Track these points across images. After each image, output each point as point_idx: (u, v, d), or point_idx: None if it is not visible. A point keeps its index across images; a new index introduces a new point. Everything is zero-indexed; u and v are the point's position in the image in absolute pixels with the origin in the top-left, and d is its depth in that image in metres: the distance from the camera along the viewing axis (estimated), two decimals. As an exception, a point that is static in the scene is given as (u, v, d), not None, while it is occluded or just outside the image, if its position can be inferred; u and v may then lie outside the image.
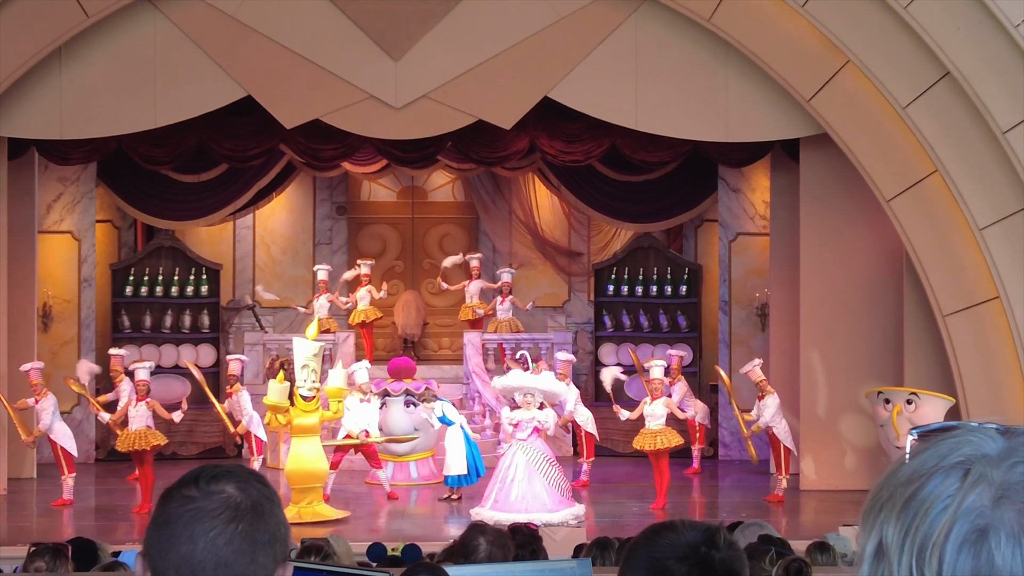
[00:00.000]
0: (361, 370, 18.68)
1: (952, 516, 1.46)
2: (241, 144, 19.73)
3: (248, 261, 23.39)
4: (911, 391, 16.88)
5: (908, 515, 1.48)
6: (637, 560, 2.58)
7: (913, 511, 1.48)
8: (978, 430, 1.52)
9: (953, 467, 1.48)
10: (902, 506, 1.49)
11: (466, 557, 6.27)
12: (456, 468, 17.92)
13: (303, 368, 17.01)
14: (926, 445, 1.53)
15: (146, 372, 18.06)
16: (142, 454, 17.71)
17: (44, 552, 8.04)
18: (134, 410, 17.82)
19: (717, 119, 18.22)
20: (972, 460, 1.48)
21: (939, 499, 1.47)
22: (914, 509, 1.48)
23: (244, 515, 2.17)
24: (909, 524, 1.47)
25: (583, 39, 18.03)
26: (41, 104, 18.00)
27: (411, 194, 23.82)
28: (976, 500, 1.46)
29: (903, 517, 1.48)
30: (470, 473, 17.92)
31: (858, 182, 17.51)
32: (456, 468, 17.92)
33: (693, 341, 22.52)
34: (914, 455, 1.52)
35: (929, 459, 1.50)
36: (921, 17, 16.16)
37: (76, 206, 21.53)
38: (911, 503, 1.48)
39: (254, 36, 17.90)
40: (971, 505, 1.46)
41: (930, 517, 1.46)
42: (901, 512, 1.49)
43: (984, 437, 1.50)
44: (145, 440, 17.67)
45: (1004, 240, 16.29)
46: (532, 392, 16.58)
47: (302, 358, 17.02)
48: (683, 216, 22.43)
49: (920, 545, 1.46)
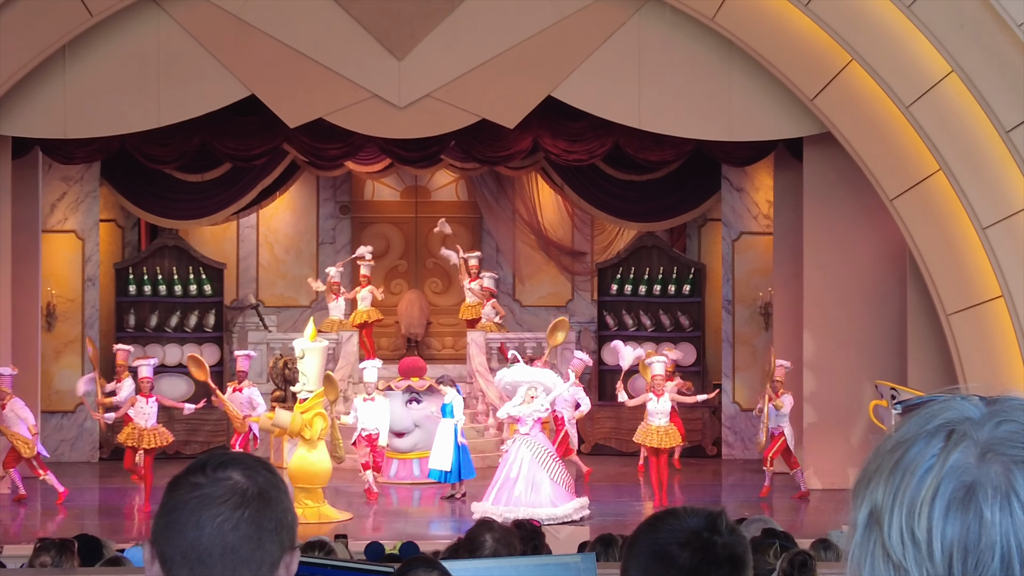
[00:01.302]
0: (370, 369, 18.73)
1: (938, 474, 1.47)
2: (245, 143, 19.75)
3: (251, 260, 23.41)
4: (915, 393, 16.88)
5: (895, 478, 1.49)
6: (640, 547, 2.59)
7: (900, 473, 1.49)
8: (960, 399, 1.53)
9: (937, 429, 1.50)
10: (889, 471, 1.50)
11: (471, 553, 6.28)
12: (440, 463, 17.95)
13: (302, 375, 17.23)
14: (909, 416, 1.55)
15: (149, 369, 18.08)
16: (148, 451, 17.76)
17: (50, 547, 8.07)
18: (146, 407, 17.89)
19: (720, 118, 18.23)
20: (955, 422, 1.50)
21: (924, 458, 1.48)
22: (901, 471, 1.49)
23: (251, 502, 2.18)
24: (897, 486, 1.49)
25: (586, 38, 18.04)
26: (45, 103, 18.02)
27: (414, 193, 23.83)
28: (960, 458, 1.47)
29: (891, 480, 1.50)
30: (452, 472, 17.94)
31: (861, 181, 17.51)
32: (440, 463, 17.95)
33: (696, 340, 22.53)
34: (899, 426, 1.54)
35: (913, 425, 1.52)
36: (924, 16, 16.17)
37: (80, 205, 21.55)
38: (898, 466, 1.50)
39: (258, 35, 17.92)
40: (956, 463, 1.47)
41: (916, 477, 1.48)
42: (889, 476, 1.50)
43: (967, 404, 1.53)
44: (151, 439, 17.68)
45: (1007, 239, 16.29)
46: (535, 385, 16.63)
47: (300, 360, 17.25)
48: (686, 215, 22.43)
49: (909, 505, 1.47)
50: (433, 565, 4.50)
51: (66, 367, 21.35)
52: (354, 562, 4.58)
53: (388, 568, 3.00)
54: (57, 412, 21.20)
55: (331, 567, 3.11)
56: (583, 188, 21.97)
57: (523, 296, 23.67)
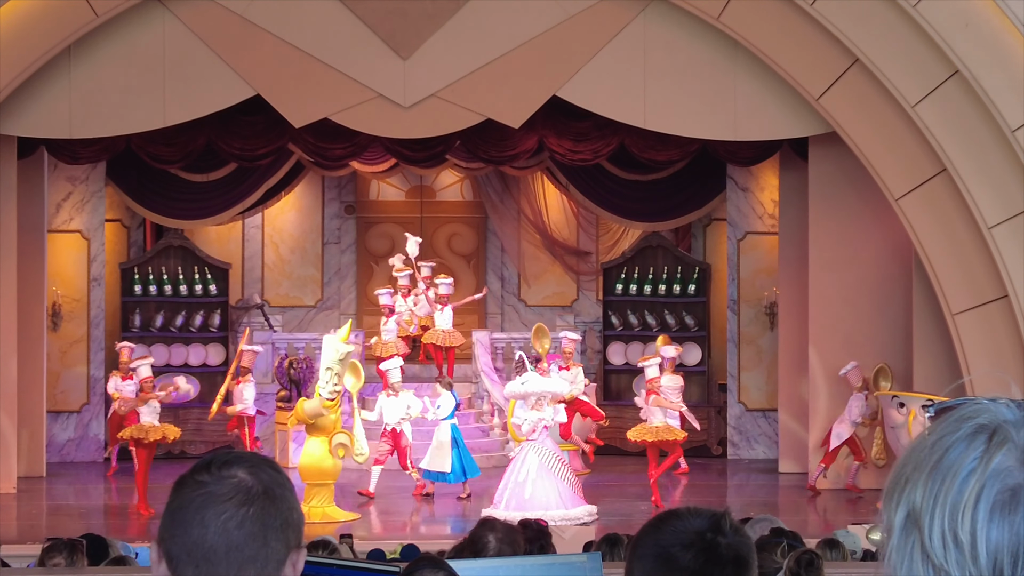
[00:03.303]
0: (394, 370, 18.71)
1: (981, 477, 1.46)
2: (250, 143, 19.76)
3: (257, 260, 23.42)
4: (928, 397, 16.86)
5: (936, 481, 1.48)
6: (644, 548, 2.58)
7: (940, 476, 1.48)
8: (993, 402, 1.53)
9: (976, 432, 1.49)
10: (928, 473, 1.49)
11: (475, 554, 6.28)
12: (438, 465, 17.92)
13: (327, 370, 17.06)
14: (944, 418, 1.53)
15: (147, 368, 18.05)
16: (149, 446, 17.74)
17: (61, 547, 8.09)
18: (146, 406, 17.88)
19: (726, 118, 18.22)
20: (993, 424, 1.49)
21: (966, 462, 1.47)
22: (941, 474, 1.48)
23: (255, 499, 2.19)
24: (938, 489, 1.47)
25: (592, 38, 18.03)
26: (50, 103, 18.03)
27: (419, 193, 23.83)
28: (1003, 461, 1.46)
29: (931, 483, 1.48)
30: (455, 472, 17.92)
31: (867, 181, 17.50)
32: (438, 465, 17.92)
33: (701, 340, 22.53)
34: (933, 428, 1.53)
35: (950, 427, 1.51)
36: (930, 15, 16.15)
37: (85, 205, 21.57)
38: (938, 469, 1.48)
39: (263, 35, 17.92)
40: (998, 466, 1.46)
41: (959, 480, 1.47)
42: (928, 478, 1.48)
43: (1000, 407, 1.52)
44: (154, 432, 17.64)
45: (1013, 239, 16.28)
46: (543, 396, 16.68)
47: (328, 360, 17.06)
48: (692, 215, 22.43)
49: (952, 507, 1.46)
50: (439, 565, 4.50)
51: (71, 367, 21.37)
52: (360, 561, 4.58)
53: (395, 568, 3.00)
54: (63, 412, 21.22)
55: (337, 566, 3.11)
56: (588, 188, 21.96)
57: (528, 296, 23.67)
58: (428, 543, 12.04)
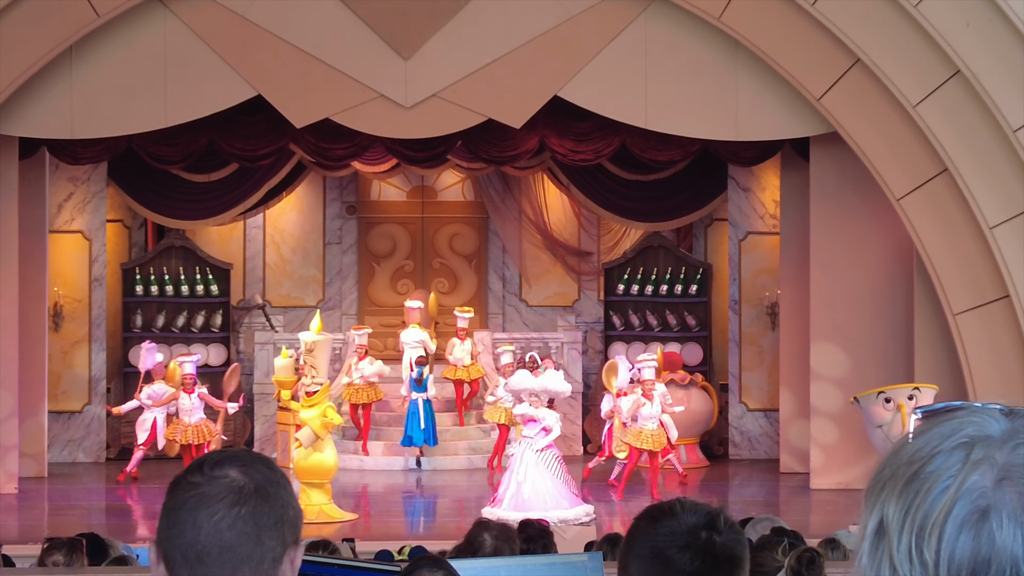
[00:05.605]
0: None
1: (953, 495, 1.45)
2: (251, 143, 19.76)
3: (258, 260, 23.42)
4: (913, 386, 16.85)
5: (909, 494, 1.47)
6: (639, 548, 2.57)
7: (914, 490, 1.47)
8: (982, 410, 1.51)
9: (956, 447, 1.48)
10: (904, 485, 1.48)
11: (472, 554, 6.28)
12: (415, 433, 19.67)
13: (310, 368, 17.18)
14: (930, 425, 1.52)
15: (192, 365, 18.38)
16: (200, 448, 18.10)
17: (60, 546, 8.10)
18: (187, 402, 18.10)
19: (727, 118, 18.21)
20: (975, 441, 1.48)
21: (941, 478, 1.46)
22: (915, 488, 1.47)
23: (248, 498, 2.18)
24: (910, 503, 1.47)
25: (593, 38, 18.03)
26: (52, 104, 18.04)
27: (421, 193, 23.83)
28: (978, 480, 1.45)
29: (904, 496, 1.48)
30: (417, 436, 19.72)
31: (868, 181, 17.50)
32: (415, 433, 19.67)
33: (703, 340, 22.53)
34: (917, 434, 1.52)
35: (932, 439, 1.50)
36: (931, 15, 16.14)
37: (87, 206, 21.57)
38: (913, 482, 1.48)
39: (264, 35, 17.92)
40: (972, 485, 1.45)
41: (931, 496, 1.46)
42: (903, 491, 1.48)
43: (987, 418, 1.50)
44: (203, 433, 18.07)
45: (1014, 239, 16.27)
46: (538, 393, 16.74)
47: (308, 354, 17.25)
48: (693, 215, 22.42)
49: (920, 524, 1.46)
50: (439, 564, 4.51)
51: (72, 367, 21.37)
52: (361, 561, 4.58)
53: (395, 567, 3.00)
54: (64, 412, 21.23)
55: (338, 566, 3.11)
56: (589, 188, 21.96)
57: (529, 296, 23.67)
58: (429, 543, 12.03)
